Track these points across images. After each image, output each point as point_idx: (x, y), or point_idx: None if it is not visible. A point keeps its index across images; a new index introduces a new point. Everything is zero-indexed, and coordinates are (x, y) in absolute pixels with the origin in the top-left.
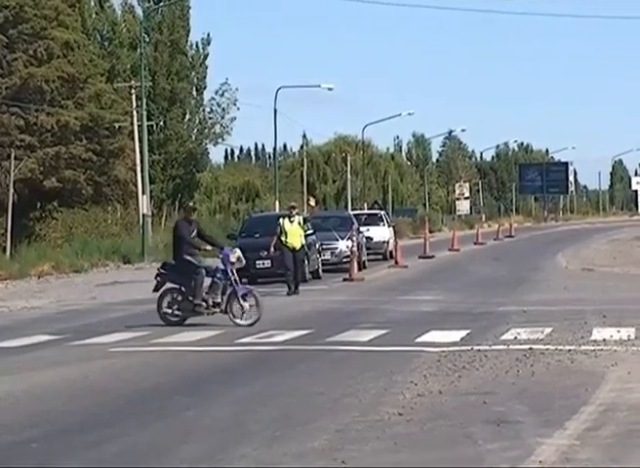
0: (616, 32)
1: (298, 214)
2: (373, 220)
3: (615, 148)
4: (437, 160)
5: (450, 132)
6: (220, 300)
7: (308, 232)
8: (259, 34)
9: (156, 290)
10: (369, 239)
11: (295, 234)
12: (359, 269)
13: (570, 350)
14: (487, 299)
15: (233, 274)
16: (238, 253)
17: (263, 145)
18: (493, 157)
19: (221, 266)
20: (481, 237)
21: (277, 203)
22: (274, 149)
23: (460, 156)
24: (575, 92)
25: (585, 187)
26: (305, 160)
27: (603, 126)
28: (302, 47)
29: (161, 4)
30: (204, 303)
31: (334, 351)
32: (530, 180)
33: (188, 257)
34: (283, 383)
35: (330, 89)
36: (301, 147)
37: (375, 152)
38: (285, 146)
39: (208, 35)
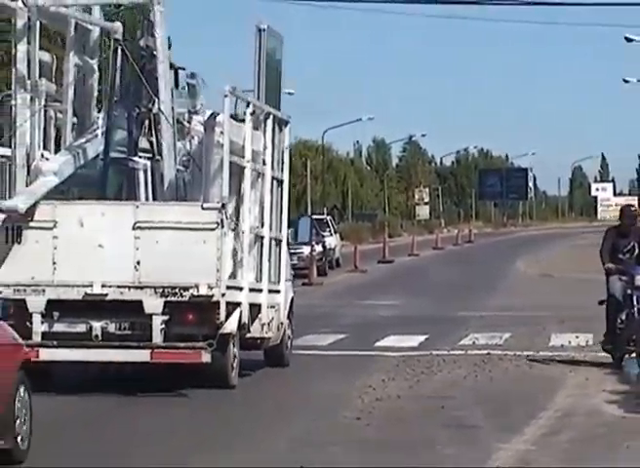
0: (577, 36)
1: None
2: (319, 227)
3: (574, 155)
4: (397, 165)
5: (410, 137)
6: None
7: None
8: (217, 37)
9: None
10: None
11: None
12: (322, 274)
13: (528, 355)
14: (445, 304)
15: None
16: None
17: None
18: (453, 162)
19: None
20: (440, 242)
21: None
22: None
23: (420, 161)
24: (534, 98)
25: (545, 193)
26: None
27: (563, 132)
28: None
29: (122, 8)
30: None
31: (293, 355)
32: (489, 186)
33: (609, 278)
34: (241, 388)
35: (290, 93)
36: None
37: (335, 157)
38: None
39: (168, 39)
